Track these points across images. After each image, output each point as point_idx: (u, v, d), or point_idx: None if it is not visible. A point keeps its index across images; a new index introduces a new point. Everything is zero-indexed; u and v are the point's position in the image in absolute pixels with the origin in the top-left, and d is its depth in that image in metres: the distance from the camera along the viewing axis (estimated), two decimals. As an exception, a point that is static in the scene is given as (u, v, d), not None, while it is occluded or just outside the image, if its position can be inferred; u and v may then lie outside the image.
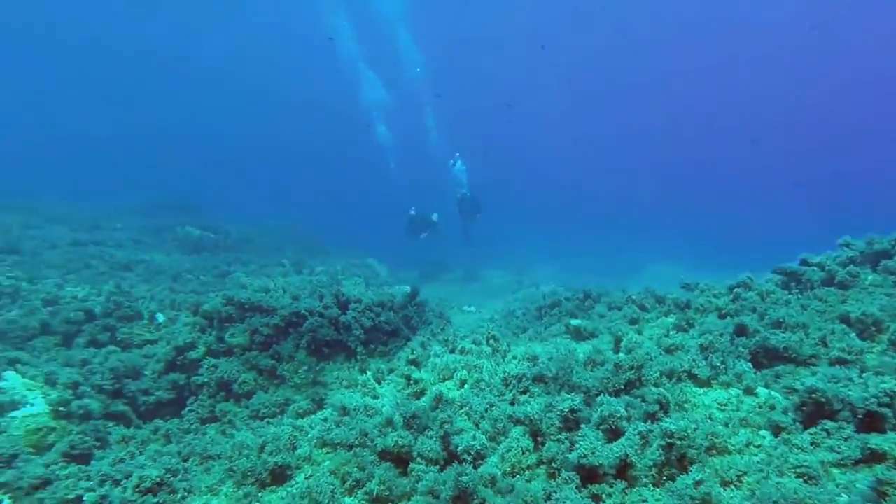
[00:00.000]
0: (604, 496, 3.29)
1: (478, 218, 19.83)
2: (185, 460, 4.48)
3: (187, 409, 6.04)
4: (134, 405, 5.94)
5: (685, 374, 4.61)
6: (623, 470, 3.44)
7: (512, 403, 4.27)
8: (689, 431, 3.46)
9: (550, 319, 8.49)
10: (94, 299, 7.92)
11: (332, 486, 3.61)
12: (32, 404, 5.34)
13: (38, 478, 3.52)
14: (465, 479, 2.97)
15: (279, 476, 3.93)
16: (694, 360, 4.68)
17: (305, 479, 3.94)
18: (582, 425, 3.68)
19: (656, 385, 4.40)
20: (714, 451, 3.69)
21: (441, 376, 5.08)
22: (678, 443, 3.42)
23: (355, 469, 3.78)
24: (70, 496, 3.48)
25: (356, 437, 4.15)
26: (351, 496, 3.69)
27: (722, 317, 6.13)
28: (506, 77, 44.84)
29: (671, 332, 6.00)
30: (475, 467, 3.64)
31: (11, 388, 5.43)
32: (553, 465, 3.46)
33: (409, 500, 3.64)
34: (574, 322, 7.07)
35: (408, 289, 7.98)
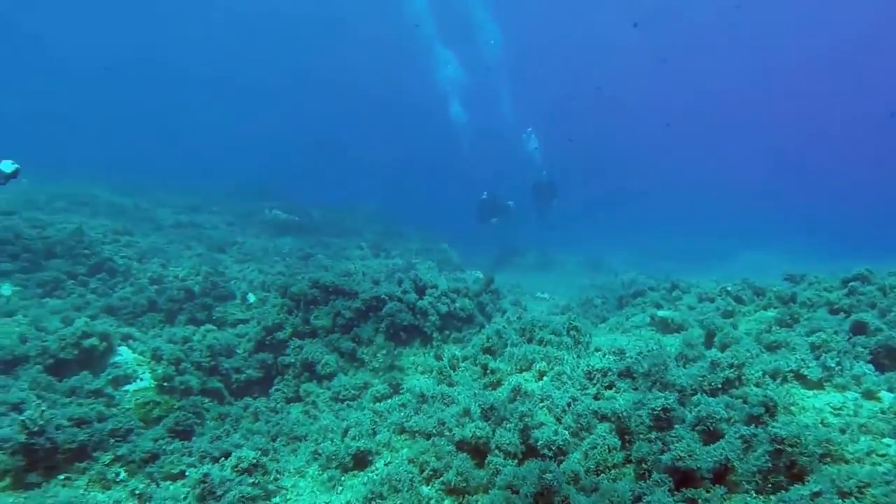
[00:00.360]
0: (700, 501, 3.04)
1: (554, 204, 19.16)
2: (274, 440, 4.71)
3: (274, 388, 6.36)
4: (227, 382, 6.34)
5: (791, 375, 4.18)
6: (721, 475, 3.17)
7: (596, 398, 4.07)
8: (801, 437, 3.12)
9: (633, 310, 8.06)
10: (193, 279, 8.53)
11: (410, 475, 3.62)
12: (141, 378, 5.84)
13: (147, 452, 3.82)
14: (549, 476, 2.85)
15: (361, 461, 4.01)
16: (802, 360, 4.23)
17: (385, 465, 3.99)
18: (676, 425, 3.43)
19: (758, 385, 4.02)
20: (829, 460, 3.31)
21: (518, 367, 4.96)
22: (788, 449, 3.09)
23: (433, 458, 3.78)
24: (174, 471, 3.76)
25: (434, 426, 4.14)
26: (428, 485, 3.69)
27: (834, 312, 5.50)
28: (594, 59, 42.87)
29: (773, 328, 5.47)
30: (556, 463, 3.51)
31: (124, 362, 5.97)
32: (643, 465, 3.25)
33: (485, 492, 3.58)
34: (661, 313, 6.66)
35: (480, 274, 7.90)
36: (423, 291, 7.14)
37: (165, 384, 5.73)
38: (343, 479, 3.95)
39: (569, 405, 3.96)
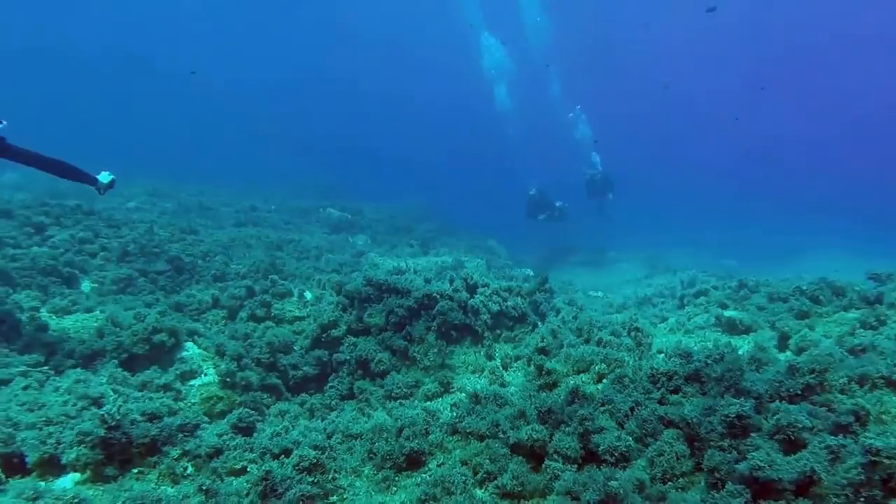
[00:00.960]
0: (781, 516, 2.80)
1: (610, 198, 18.51)
2: (329, 437, 4.76)
3: (329, 385, 6.46)
4: (285, 378, 6.50)
5: (882, 381, 3.79)
6: (805, 487, 2.91)
7: (661, 403, 3.86)
8: (899, 451, 2.81)
9: (694, 309, 7.67)
10: (253, 276, 8.83)
11: (464, 477, 3.55)
12: (206, 374, 6.08)
13: (212, 447, 3.95)
14: (614, 483, 2.70)
15: (414, 461, 3.97)
16: (895, 365, 3.83)
17: (437, 466, 3.94)
18: (751, 434, 3.18)
19: (843, 392, 3.69)
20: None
21: (575, 368, 4.79)
22: (885, 461, 2.80)
23: (487, 461, 3.69)
24: (237, 466, 3.86)
25: (488, 428, 4.05)
26: (482, 489, 3.61)
27: (930, 313, 5.00)
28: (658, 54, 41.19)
29: (857, 331, 5.04)
30: (620, 470, 3.34)
31: (191, 357, 6.24)
32: (716, 474, 3.03)
33: (542, 497, 3.45)
34: (727, 313, 6.28)
35: (530, 272, 7.73)
36: (474, 290, 7.06)
37: (228, 380, 5.93)
38: (397, 479, 3.93)
39: (632, 410, 3.77)
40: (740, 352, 4.23)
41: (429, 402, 5.90)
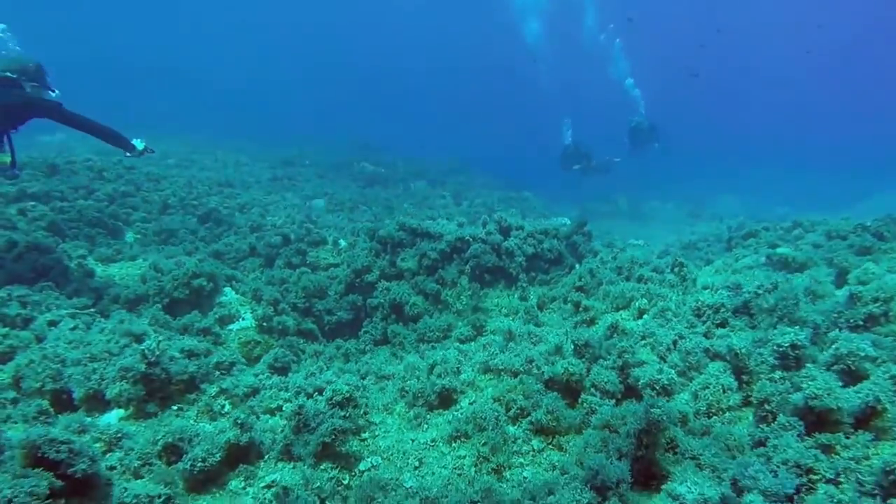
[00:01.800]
0: (838, 448, 2.58)
1: (655, 148, 17.48)
2: (363, 378, 4.77)
3: (363, 330, 6.48)
4: (320, 324, 6.57)
5: (959, 313, 3.43)
6: (866, 420, 2.68)
7: (706, 337, 3.63)
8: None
9: (744, 251, 7.22)
10: (289, 227, 8.89)
11: (496, 413, 3.46)
12: (244, 318, 6.19)
13: (249, 387, 3.99)
14: (656, 411, 2.54)
15: (446, 399, 3.92)
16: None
17: (469, 404, 3.87)
18: (807, 365, 2.94)
19: (912, 324, 3.35)
20: None
21: (615, 305, 4.58)
22: (961, 394, 2.53)
23: (520, 397, 3.58)
24: (273, 405, 3.90)
25: (521, 364, 3.94)
26: (515, 425, 3.52)
27: None
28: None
29: (927, 263, 4.59)
30: (661, 402, 3.17)
31: (229, 302, 6.35)
32: (766, 406, 2.82)
33: (578, 433, 3.34)
34: (780, 250, 5.86)
35: (566, 220, 7.42)
36: (507, 232, 6.85)
37: (265, 324, 6.02)
38: (429, 417, 3.89)
39: (674, 343, 3.57)
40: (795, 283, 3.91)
41: (462, 345, 5.85)
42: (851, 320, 3.33)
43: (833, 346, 2.89)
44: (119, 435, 3.10)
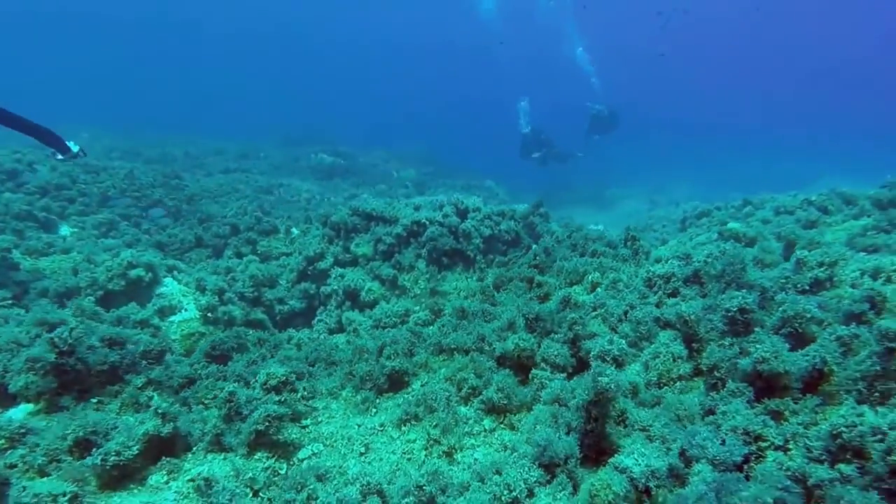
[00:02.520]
0: (787, 413, 2.51)
1: (614, 136, 17.40)
2: (312, 365, 4.53)
3: (317, 318, 6.22)
4: (271, 313, 6.26)
5: (899, 275, 3.44)
6: (814, 384, 2.62)
7: (658, 306, 3.55)
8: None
9: (697, 230, 7.28)
10: (240, 217, 8.48)
11: (447, 394, 3.29)
12: (186, 309, 5.82)
13: (184, 377, 3.69)
14: (604, 380, 2.41)
15: (396, 382, 3.72)
16: (915, 257, 3.47)
17: (421, 386, 3.69)
18: (755, 329, 2.87)
19: (854, 287, 3.34)
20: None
21: (568, 280, 4.47)
22: (903, 349, 2.48)
23: (472, 375, 3.42)
24: (208, 396, 3.61)
25: (473, 342, 3.78)
26: (467, 405, 3.35)
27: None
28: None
29: (869, 233, 4.66)
30: (612, 374, 3.06)
31: (170, 293, 5.95)
32: (716, 373, 2.74)
33: (529, 410, 3.20)
34: (731, 225, 5.89)
35: (527, 206, 7.31)
36: (465, 215, 6.69)
37: (210, 315, 5.67)
38: (378, 401, 3.69)
39: (626, 313, 3.47)
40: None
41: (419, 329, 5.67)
42: (798, 285, 3.29)
43: (780, 309, 2.82)
44: (22, 430, 2.78)
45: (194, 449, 2.97)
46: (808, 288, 3.28)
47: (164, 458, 2.81)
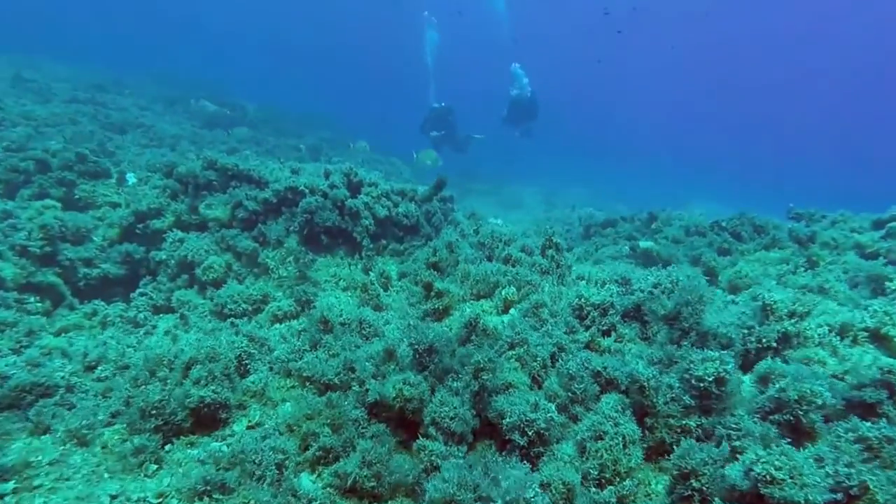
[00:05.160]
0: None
1: (530, 128, 16.09)
2: (92, 368, 2.93)
3: (138, 291, 4.47)
4: (70, 277, 4.38)
5: (866, 335, 2.75)
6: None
7: (590, 347, 2.53)
8: None
9: (602, 240, 6.62)
10: (61, 152, 6.18)
11: (281, 456, 1.99)
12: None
13: None
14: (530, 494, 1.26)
15: (207, 419, 2.31)
16: (885, 313, 2.78)
17: (247, 428, 2.33)
18: (735, 409, 1.93)
19: (821, 345, 2.59)
20: None
21: (475, 291, 3.33)
22: None
23: (326, 429, 2.14)
24: None
25: (336, 373, 2.49)
26: (313, 476, 2.08)
27: (868, 257, 4.20)
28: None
29: (799, 271, 4.12)
30: (533, 458, 1.96)
31: None
32: (692, 483, 1.74)
33: (407, 497, 2.01)
34: (644, 243, 5.20)
35: (428, 187, 6.08)
36: (357, 189, 5.29)
37: (-40, 274, 3.72)
38: (163, 452, 2.25)
39: (553, 357, 2.39)
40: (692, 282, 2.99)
41: (278, 326, 4.23)
42: (764, 339, 2.45)
43: (776, 387, 1.90)
44: None
45: None
46: (774, 345, 2.45)
47: None
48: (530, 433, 1.92)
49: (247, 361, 2.84)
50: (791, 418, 1.84)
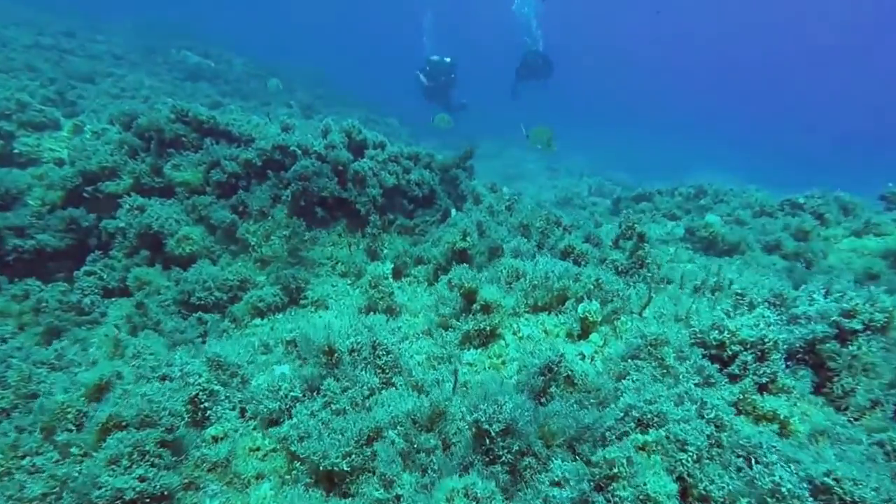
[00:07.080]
0: None
1: (545, 84, 14.47)
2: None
3: (85, 269, 3.37)
4: (-5, 253, 3.28)
5: None
6: None
7: (738, 409, 1.52)
8: None
9: (639, 216, 5.58)
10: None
11: None
12: None
13: None
14: None
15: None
16: None
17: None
18: None
19: None
20: None
21: (530, 301, 2.28)
22: None
23: None
24: None
25: (344, 452, 1.47)
26: None
27: None
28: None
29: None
30: None
31: None
32: None
33: None
34: (710, 219, 4.17)
35: (453, 154, 4.92)
36: (360, 150, 4.15)
37: None
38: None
39: (710, 448, 1.38)
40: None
41: (258, 322, 3.20)
42: None
43: None
44: None
45: None
46: None
47: None
48: None
49: (206, 404, 1.82)
50: None
